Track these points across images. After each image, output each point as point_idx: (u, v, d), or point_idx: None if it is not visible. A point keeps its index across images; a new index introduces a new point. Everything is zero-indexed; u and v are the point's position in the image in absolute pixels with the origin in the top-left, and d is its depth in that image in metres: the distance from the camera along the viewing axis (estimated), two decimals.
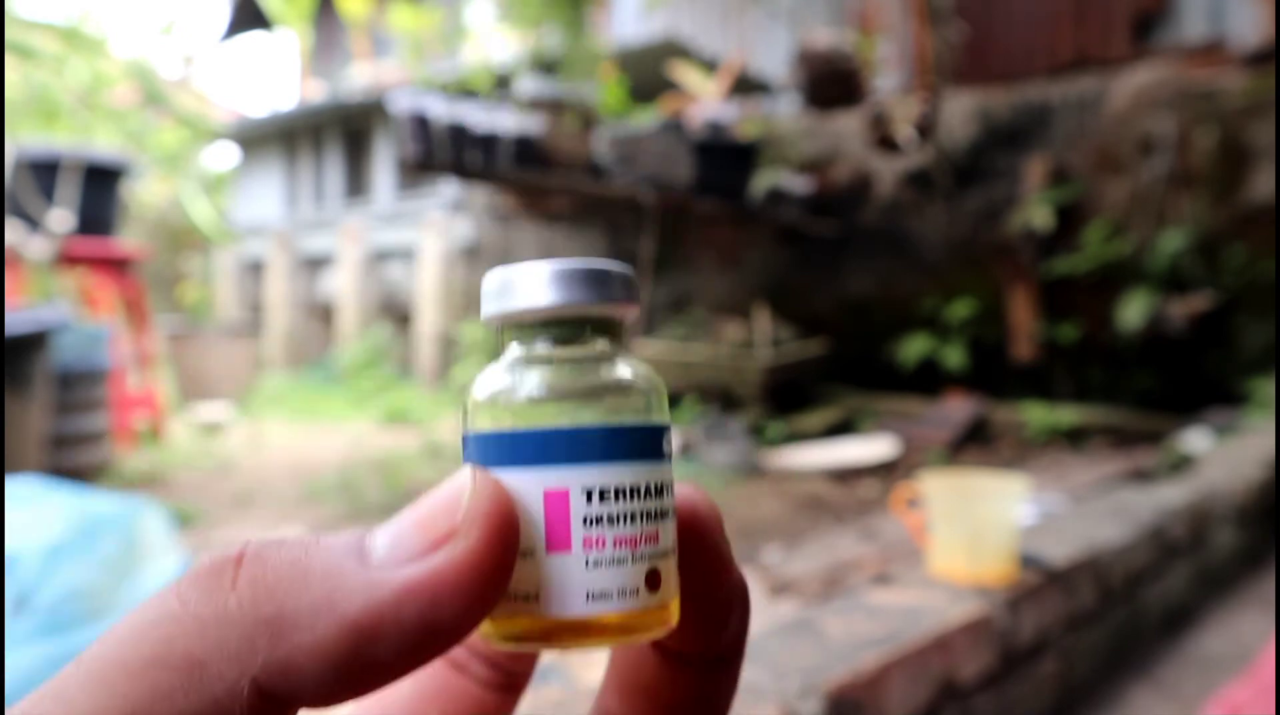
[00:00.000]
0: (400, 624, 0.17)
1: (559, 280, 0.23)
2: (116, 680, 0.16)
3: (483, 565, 0.18)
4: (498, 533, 0.19)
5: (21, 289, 3.88)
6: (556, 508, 0.21)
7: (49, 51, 5.88)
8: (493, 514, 0.19)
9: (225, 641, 0.17)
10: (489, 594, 0.19)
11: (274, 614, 0.17)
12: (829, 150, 5.76)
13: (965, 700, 1.44)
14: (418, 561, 0.18)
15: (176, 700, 0.16)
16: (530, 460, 0.21)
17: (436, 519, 0.19)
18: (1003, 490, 1.56)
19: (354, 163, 9.97)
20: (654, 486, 0.22)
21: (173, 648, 0.17)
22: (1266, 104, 4.32)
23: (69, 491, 1.62)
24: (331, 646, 0.17)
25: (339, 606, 0.17)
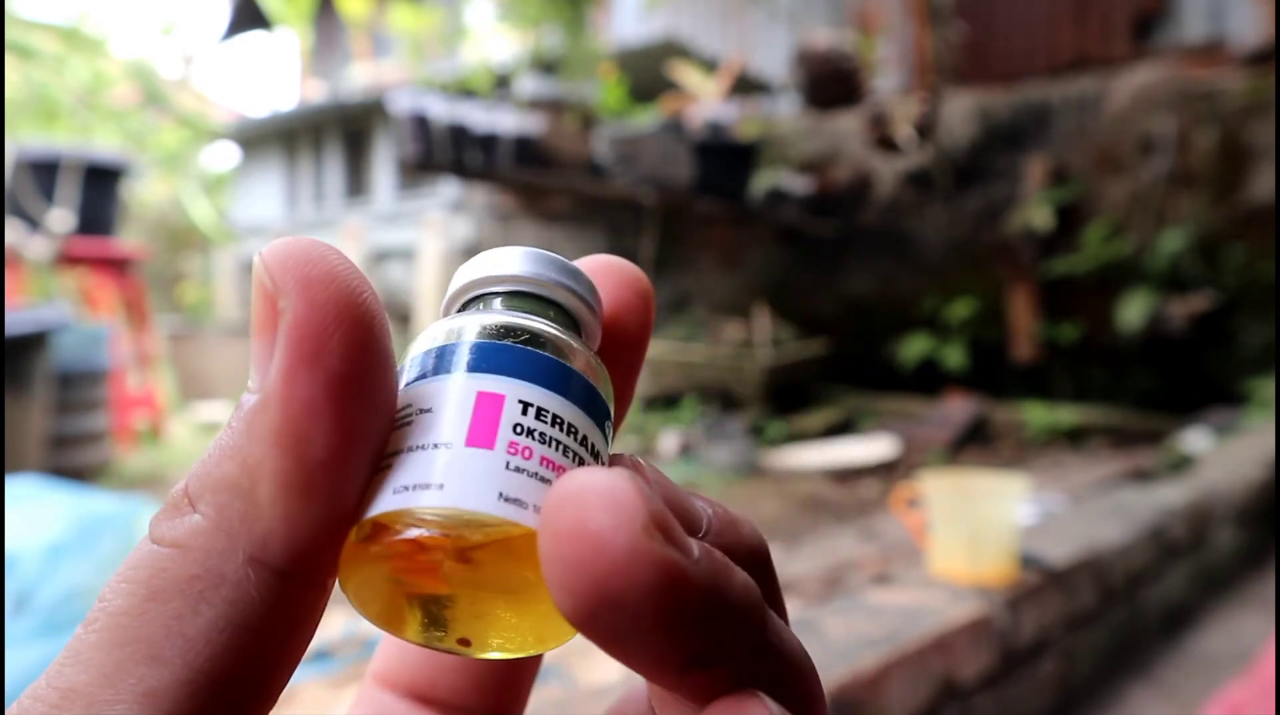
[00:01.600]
0: (308, 406, 0.17)
1: (529, 259, 0.23)
2: (124, 628, 0.17)
3: (318, 300, 0.18)
4: (308, 268, 0.18)
5: (21, 289, 3.88)
6: (487, 407, 0.19)
7: (49, 51, 5.88)
8: (290, 258, 0.18)
9: (208, 547, 0.17)
10: (350, 321, 0.18)
11: (228, 496, 0.17)
12: (829, 150, 5.76)
13: (965, 700, 1.44)
14: (272, 361, 0.18)
15: (188, 622, 0.17)
16: (469, 367, 0.20)
17: (263, 316, 0.18)
18: (1003, 490, 1.56)
19: (354, 163, 9.97)
20: (591, 443, 0.20)
21: (165, 578, 0.17)
22: (1266, 104, 4.32)
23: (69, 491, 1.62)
24: (281, 476, 0.17)
25: (261, 447, 0.17)
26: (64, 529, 1.44)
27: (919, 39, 4.47)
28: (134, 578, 0.17)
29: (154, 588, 0.17)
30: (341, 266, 0.18)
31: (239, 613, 0.17)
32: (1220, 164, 4.53)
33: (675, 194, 5.20)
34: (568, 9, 5.39)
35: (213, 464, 0.18)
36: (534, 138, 4.85)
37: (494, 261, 0.23)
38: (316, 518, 0.18)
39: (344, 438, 0.18)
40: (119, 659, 0.16)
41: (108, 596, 0.17)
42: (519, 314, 0.22)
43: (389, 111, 5.31)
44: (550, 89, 5.19)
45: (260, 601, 0.17)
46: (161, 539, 0.18)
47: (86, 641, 0.17)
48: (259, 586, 0.17)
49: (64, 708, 0.16)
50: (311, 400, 0.17)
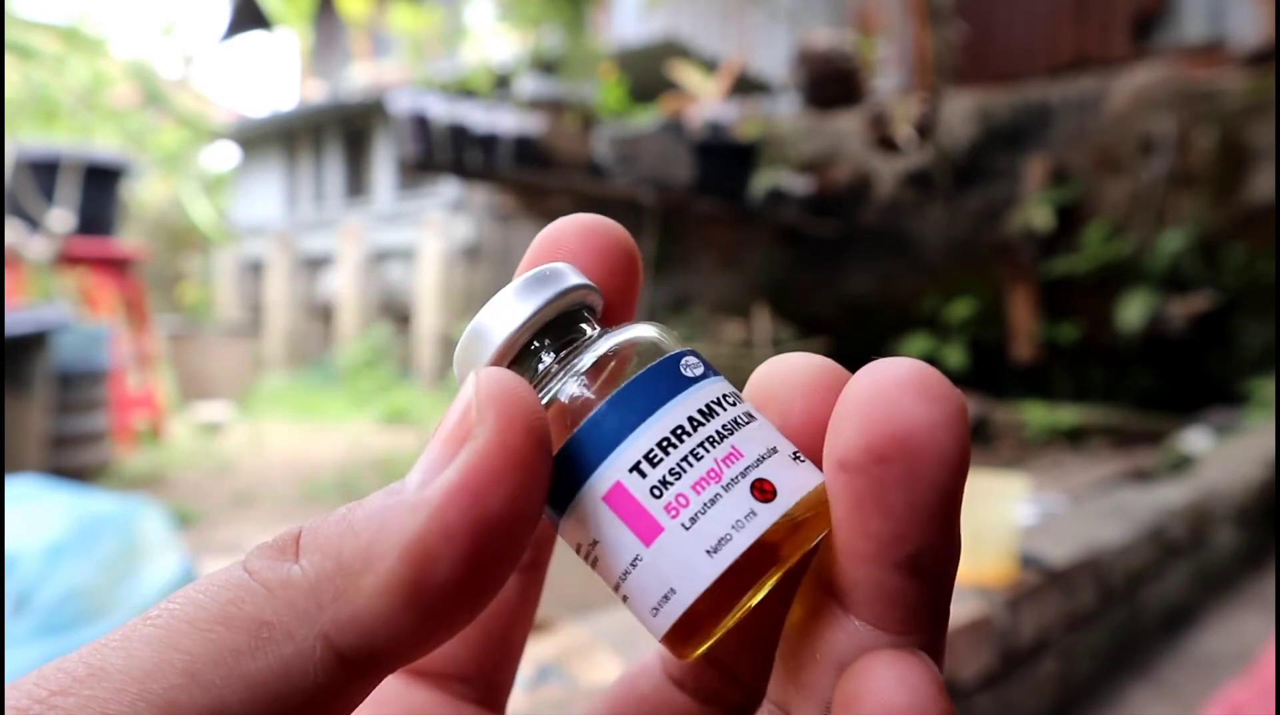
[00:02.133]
0: (450, 535, 0.17)
1: (512, 302, 0.21)
2: (180, 636, 0.16)
3: (508, 444, 0.18)
4: (515, 409, 0.18)
5: (21, 289, 3.88)
6: (622, 503, 0.19)
7: (49, 51, 5.88)
8: (501, 395, 0.18)
9: (292, 603, 0.17)
10: (526, 475, 0.18)
11: (334, 568, 0.17)
12: (829, 150, 5.76)
13: (965, 700, 1.44)
14: (447, 469, 0.18)
15: (242, 660, 0.16)
16: (574, 485, 0.20)
17: (453, 425, 0.18)
18: (1003, 490, 1.56)
19: (354, 163, 9.97)
20: (700, 412, 0.20)
21: (241, 609, 0.17)
22: (1266, 104, 4.32)
23: (69, 491, 1.62)
24: (392, 579, 0.17)
25: (388, 540, 0.17)
26: (64, 529, 1.44)
27: (919, 39, 4.47)
28: (212, 596, 0.17)
29: (227, 614, 0.17)
30: (538, 420, 0.18)
31: (290, 677, 0.17)
32: (1220, 164, 4.53)
33: (675, 194, 5.20)
34: (568, 9, 5.39)
35: (336, 530, 0.18)
36: (534, 138, 4.85)
37: (496, 320, 0.22)
38: (401, 631, 0.17)
39: (468, 575, 0.17)
40: (161, 661, 0.16)
41: (178, 600, 0.17)
42: (557, 379, 0.21)
43: (389, 111, 5.31)
44: (550, 89, 5.19)
45: (312, 676, 0.17)
46: (255, 573, 0.17)
47: (139, 632, 0.16)
48: (319, 663, 0.17)
49: (88, 683, 0.16)
50: (457, 531, 0.17)
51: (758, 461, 0.19)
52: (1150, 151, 4.71)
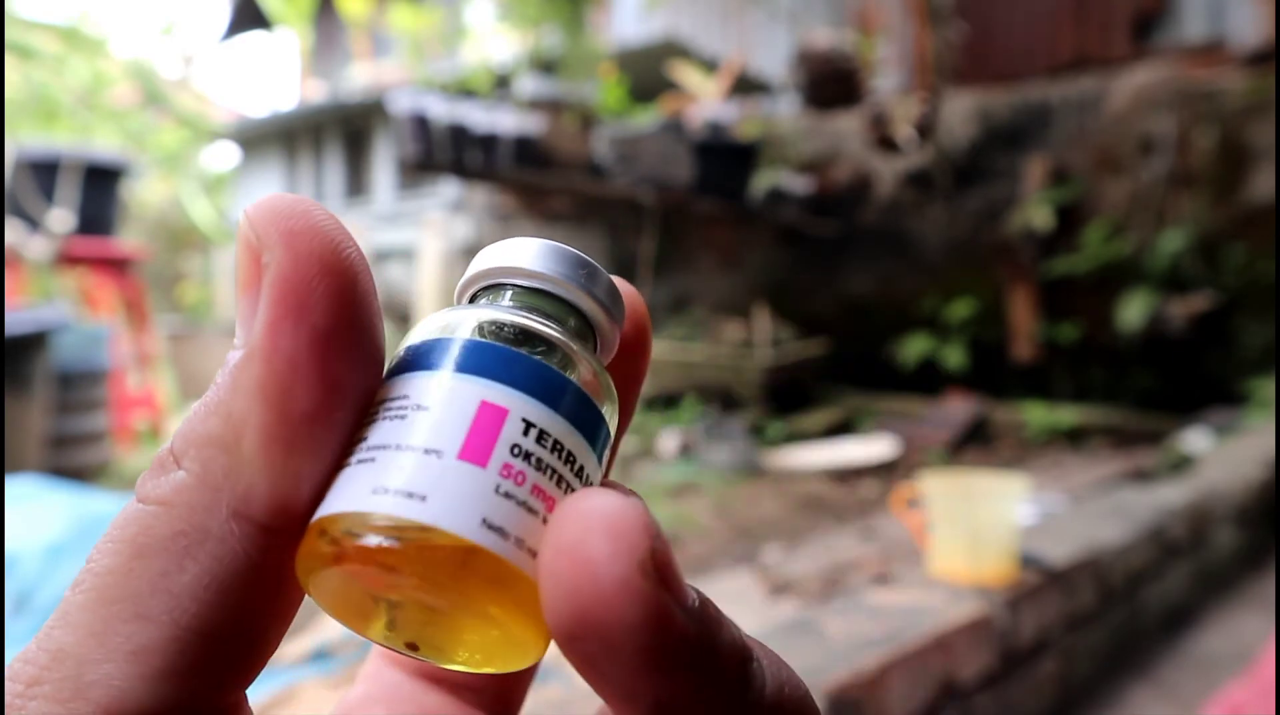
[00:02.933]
0: (288, 358, 0.17)
1: (548, 252, 0.21)
2: (110, 586, 0.16)
3: (304, 267, 0.18)
4: (297, 228, 0.18)
5: (21, 289, 3.88)
6: (487, 420, 0.18)
7: (49, 51, 5.88)
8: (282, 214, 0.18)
9: (192, 504, 0.17)
10: (333, 279, 0.18)
11: (212, 452, 0.17)
12: (829, 150, 5.76)
13: (965, 700, 1.44)
14: (257, 316, 0.18)
15: (174, 580, 0.16)
16: (476, 370, 0.19)
17: (245, 271, 0.18)
18: (1003, 490, 1.56)
19: (354, 163, 9.97)
20: (586, 472, 0.19)
21: (151, 536, 0.17)
22: (1266, 104, 4.32)
23: (69, 491, 1.62)
24: (265, 429, 0.17)
25: (244, 399, 0.17)
26: (64, 529, 1.44)
27: (919, 39, 4.47)
28: (120, 537, 0.17)
29: (140, 545, 0.17)
30: (325, 221, 0.18)
31: (224, 568, 0.17)
32: (1220, 164, 4.53)
33: (675, 194, 5.20)
34: (568, 9, 5.39)
35: (197, 421, 0.18)
36: (534, 138, 4.85)
37: (515, 251, 0.22)
38: (300, 472, 0.17)
39: (328, 393, 0.18)
40: (106, 617, 0.16)
41: (94, 557, 0.17)
42: (534, 317, 0.21)
43: (389, 111, 5.31)
44: (550, 89, 5.19)
45: (245, 556, 0.17)
46: (146, 497, 0.18)
47: (74, 603, 0.17)
48: (243, 541, 0.17)
49: (53, 669, 0.16)
50: (295, 354, 0.17)
51: None
52: (1150, 151, 4.71)
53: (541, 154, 4.91)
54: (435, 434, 0.18)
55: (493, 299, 0.22)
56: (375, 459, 0.18)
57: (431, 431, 0.18)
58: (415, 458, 0.18)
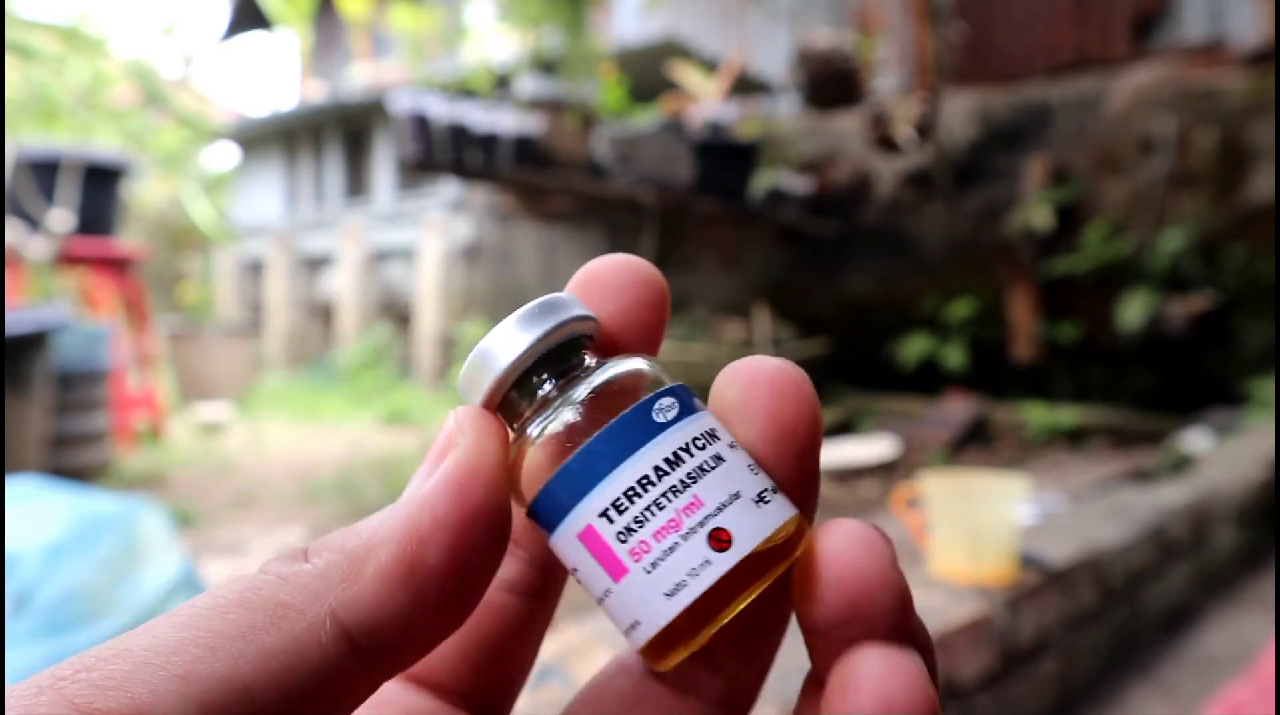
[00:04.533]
0: (439, 523, 0.20)
1: (514, 330, 0.23)
2: (200, 618, 0.18)
3: (484, 450, 0.21)
4: (484, 426, 0.22)
5: (21, 289, 3.88)
6: (593, 543, 0.21)
7: (49, 51, 5.88)
8: (475, 417, 0.22)
9: (303, 586, 0.19)
10: (499, 473, 0.21)
11: (340, 558, 0.20)
12: (829, 150, 5.76)
13: (965, 700, 1.44)
14: (435, 474, 0.21)
15: (258, 634, 0.18)
16: (554, 520, 0.22)
17: (437, 445, 0.22)
18: (1003, 490, 1.56)
19: (354, 163, 9.97)
20: (666, 461, 0.21)
21: (257, 594, 0.19)
22: (1266, 104, 4.32)
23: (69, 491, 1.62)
24: (390, 564, 0.19)
25: (386, 532, 0.20)
26: (64, 529, 1.44)
27: (919, 39, 4.47)
28: (229, 589, 0.19)
29: (245, 598, 0.19)
30: (505, 436, 0.22)
31: (301, 650, 0.18)
32: (1220, 164, 4.53)
33: (675, 194, 5.20)
34: (568, 9, 5.39)
35: (339, 534, 0.21)
36: (534, 138, 4.85)
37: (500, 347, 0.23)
38: (401, 611, 0.19)
39: (456, 559, 0.20)
40: (183, 639, 0.17)
41: (199, 597, 0.19)
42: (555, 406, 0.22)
43: (389, 111, 5.30)
44: (550, 89, 5.19)
45: (322, 651, 0.18)
46: (269, 569, 0.20)
47: (162, 620, 0.18)
48: (328, 637, 0.19)
49: (109, 663, 0.17)
50: (445, 519, 0.20)
51: (717, 510, 0.21)
52: (1150, 151, 4.71)
53: (541, 154, 4.91)
54: (596, 584, 0.22)
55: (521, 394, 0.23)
56: (607, 613, 0.22)
57: (593, 583, 0.22)
58: (606, 602, 0.22)
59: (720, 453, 0.22)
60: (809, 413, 0.23)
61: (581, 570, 0.22)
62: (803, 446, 0.23)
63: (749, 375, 0.23)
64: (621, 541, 0.21)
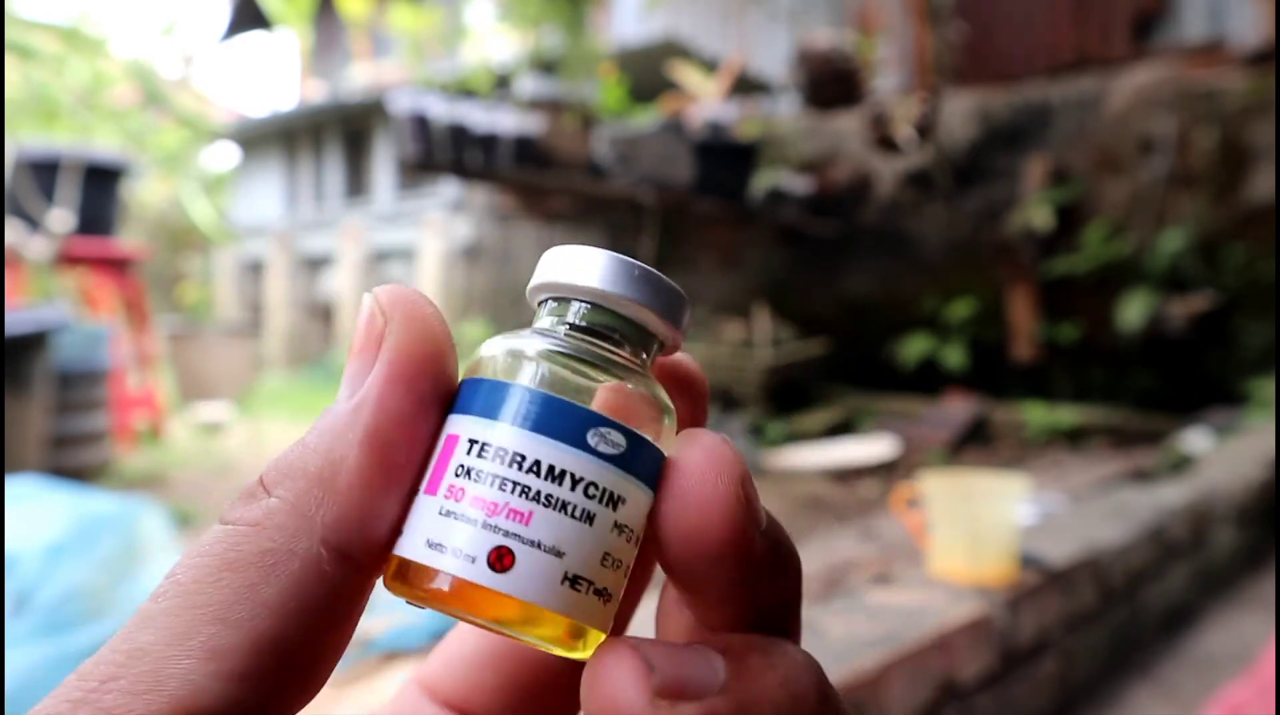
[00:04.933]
0: (397, 418, 0.20)
1: (611, 270, 0.22)
2: (195, 594, 0.18)
3: (421, 337, 0.21)
4: (415, 309, 0.21)
5: (21, 289, 3.88)
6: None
7: (49, 51, 5.88)
8: (404, 299, 0.21)
9: (282, 526, 0.18)
10: (440, 357, 0.21)
11: (307, 484, 0.19)
12: (829, 150, 5.76)
13: (965, 700, 1.44)
14: (372, 374, 0.20)
15: (259, 590, 0.18)
16: (459, 407, 0.21)
17: (365, 339, 0.21)
18: (1003, 490, 1.56)
19: (354, 163, 9.97)
20: (551, 468, 0.20)
21: (239, 551, 0.18)
22: (1266, 104, 4.32)
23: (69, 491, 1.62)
24: (363, 469, 0.19)
25: (343, 446, 0.19)
26: (64, 529, 1.44)
27: (919, 39, 4.47)
28: (207, 552, 0.18)
29: (228, 559, 0.18)
30: (434, 311, 0.21)
31: (307, 587, 0.18)
32: (1220, 164, 4.53)
33: (675, 194, 5.20)
34: (568, 9, 5.39)
35: (293, 457, 0.20)
36: (534, 138, 4.85)
37: (583, 266, 0.22)
38: (385, 512, 0.19)
39: (421, 452, 0.20)
40: (188, 620, 0.17)
41: (177, 572, 0.18)
42: (597, 342, 0.22)
43: (389, 111, 5.30)
44: (550, 89, 5.19)
45: (327, 578, 0.18)
46: (235, 520, 0.19)
47: (155, 609, 0.18)
48: (328, 565, 0.18)
49: (130, 665, 0.17)
50: (401, 413, 0.20)
51: (532, 542, 0.19)
52: (1150, 151, 4.71)
53: (541, 154, 4.91)
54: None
55: (558, 314, 0.23)
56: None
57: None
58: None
59: (596, 517, 0.20)
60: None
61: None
62: None
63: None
64: (454, 474, 0.20)
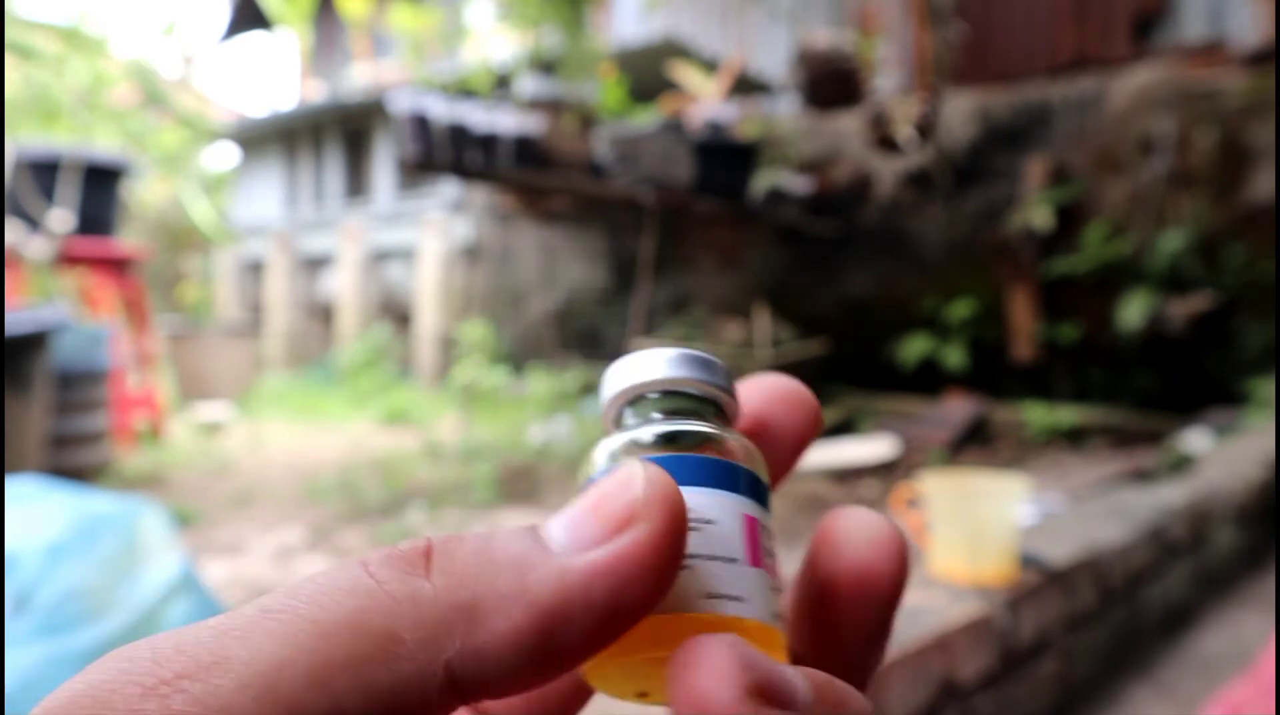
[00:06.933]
0: (589, 607, 0.18)
1: (676, 360, 0.24)
2: (304, 636, 0.16)
3: (664, 546, 0.19)
4: (676, 517, 0.19)
5: (21, 289, 3.88)
6: (753, 531, 0.22)
7: (49, 51, 5.88)
8: (670, 500, 0.19)
9: (421, 623, 0.17)
10: (669, 575, 0.19)
11: (468, 600, 0.17)
12: (829, 150, 5.76)
13: (965, 700, 1.44)
14: (602, 546, 0.18)
15: (365, 670, 0.16)
16: (719, 485, 0.22)
17: (614, 506, 0.19)
18: (1003, 490, 1.56)
19: (354, 163, 9.97)
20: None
21: (368, 618, 0.17)
22: (1266, 104, 4.32)
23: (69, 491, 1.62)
24: (525, 632, 0.17)
25: (531, 593, 0.18)
26: (64, 529, 1.44)
27: (919, 39, 4.47)
28: (338, 598, 0.17)
29: (355, 621, 0.17)
30: (685, 531, 0.19)
31: (409, 693, 0.17)
32: (1220, 164, 4.53)
33: (675, 194, 5.20)
34: (568, 9, 5.39)
35: (474, 558, 0.18)
36: (534, 138, 4.85)
37: (655, 364, 0.24)
38: (514, 676, 0.18)
39: (589, 647, 0.18)
40: (286, 659, 0.16)
41: (300, 596, 0.17)
42: (684, 421, 0.23)
43: (389, 111, 5.31)
44: (550, 89, 5.19)
45: (427, 696, 0.17)
46: (382, 583, 0.17)
47: (261, 625, 0.16)
48: (438, 687, 0.17)
49: (213, 671, 0.16)
50: (596, 607, 0.18)
51: None
52: (1150, 151, 4.71)
53: (541, 154, 4.91)
54: (731, 547, 0.21)
55: (639, 411, 0.24)
56: (694, 569, 0.21)
57: (727, 544, 0.21)
58: (727, 568, 0.21)
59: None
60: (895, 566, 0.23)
61: (717, 526, 0.22)
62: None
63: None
64: (765, 554, 0.22)
